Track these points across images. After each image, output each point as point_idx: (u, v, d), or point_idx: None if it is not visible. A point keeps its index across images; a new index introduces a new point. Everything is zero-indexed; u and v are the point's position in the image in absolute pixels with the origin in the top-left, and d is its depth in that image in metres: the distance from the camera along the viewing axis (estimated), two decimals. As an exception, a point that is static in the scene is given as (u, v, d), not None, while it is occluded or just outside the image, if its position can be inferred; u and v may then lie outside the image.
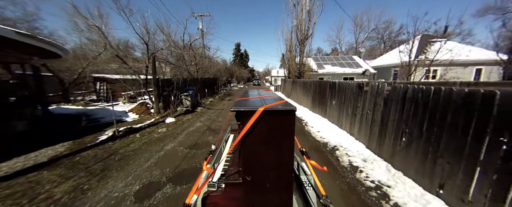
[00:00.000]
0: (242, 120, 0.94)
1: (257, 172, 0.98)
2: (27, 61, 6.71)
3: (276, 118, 0.92)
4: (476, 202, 2.16)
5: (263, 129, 0.93)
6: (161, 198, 2.81)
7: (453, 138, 2.43)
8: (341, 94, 5.97)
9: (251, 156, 0.97)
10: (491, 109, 2.02)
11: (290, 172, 0.99)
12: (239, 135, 0.93)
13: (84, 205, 2.65)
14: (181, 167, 3.78)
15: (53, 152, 4.29)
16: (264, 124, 0.92)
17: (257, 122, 0.91)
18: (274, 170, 0.98)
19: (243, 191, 1.01)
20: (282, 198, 1.02)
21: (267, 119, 0.92)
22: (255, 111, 0.91)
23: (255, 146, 0.95)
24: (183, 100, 9.81)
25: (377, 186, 3.11)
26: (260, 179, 0.99)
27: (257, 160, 0.97)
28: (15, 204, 2.63)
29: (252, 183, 0.99)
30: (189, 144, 5.03)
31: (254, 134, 0.93)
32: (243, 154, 0.97)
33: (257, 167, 0.98)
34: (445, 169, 2.53)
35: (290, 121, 0.94)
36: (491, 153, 2.04)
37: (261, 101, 1.12)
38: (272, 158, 0.97)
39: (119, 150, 4.54)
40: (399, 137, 3.40)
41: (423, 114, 2.89)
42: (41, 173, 3.42)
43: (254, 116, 0.90)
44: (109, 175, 3.46)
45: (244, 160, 0.97)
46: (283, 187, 1.00)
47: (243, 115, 0.93)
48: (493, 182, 2.00)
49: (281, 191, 1.01)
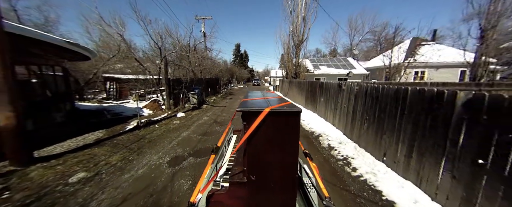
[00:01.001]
0: (248, 120, 0.95)
1: (262, 172, 0.99)
2: (59, 64, 7.82)
3: (282, 119, 0.93)
4: (400, 162, 3.29)
5: (269, 130, 0.94)
6: (187, 165, 3.93)
7: (390, 121, 3.56)
8: (326, 93, 7.11)
9: (256, 156, 0.98)
10: (406, 99, 3.16)
11: (294, 173, 1.00)
12: (245, 135, 0.94)
13: (134, 168, 3.77)
14: (198, 147, 4.90)
15: (95, 137, 5.40)
16: (270, 124, 0.93)
17: (262, 122, 0.92)
18: (278, 170, 0.99)
19: (248, 190, 1.02)
20: (286, 199, 1.02)
21: (273, 119, 0.93)
22: (261, 111, 0.92)
23: (260, 146, 0.96)
24: (190, 98, 10.93)
25: (344, 158, 4.24)
26: (264, 179, 1.00)
27: (262, 160, 0.98)
28: (86, 166, 3.74)
29: (257, 182, 1.00)
30: (200, 132, 6.15)
31: (260, 134, 0.94)
32: (248, 153, 0.98)
33: (261, 167, 0.99)
34: (386, 143, 3.66)
35: (295, 122, 0.94)
36: (406, 127, 3.17)
37: (266, 103, 1.13)
38: (276, 159, 0.97)
39: (145, 136, 5.66)
40: (362, 123, 4.53)
41: (375, 105, 4.02)
42: (93, 149, 4.54)
43: (260, 116, 0.92)
44: (144, 151, 4.58)
45: (249, 159, 0.99)
46: (287, 187, 1.01)
47: (249, 115, 0.95)
48: (407, 147, 3.13)
49: (285, 192, 1.01)
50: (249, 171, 0.98)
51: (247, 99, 1.34)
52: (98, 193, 2.94)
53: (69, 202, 2.73)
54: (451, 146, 2.39)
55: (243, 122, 0.97)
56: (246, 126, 0.96)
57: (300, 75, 15.13)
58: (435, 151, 2.60)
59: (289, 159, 0.97)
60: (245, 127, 0.96)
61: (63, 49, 5.80)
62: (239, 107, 0.99)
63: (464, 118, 2.26)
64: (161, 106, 9.97)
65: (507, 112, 1.86)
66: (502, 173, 1.88)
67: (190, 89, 11.23)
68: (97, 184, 3.19)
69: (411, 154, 3.04)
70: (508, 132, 1.84)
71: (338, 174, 3.65)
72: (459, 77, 17.83)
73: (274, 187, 1.00)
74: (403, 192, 2.89)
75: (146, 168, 3.76)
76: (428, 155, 2.72)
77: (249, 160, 0.98)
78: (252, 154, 0.96)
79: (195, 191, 1.05)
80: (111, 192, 2.99)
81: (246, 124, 0.96)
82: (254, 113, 0.93)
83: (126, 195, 2.90)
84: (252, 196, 1.02)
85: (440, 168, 2.54)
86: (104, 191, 3.01)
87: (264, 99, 1.27)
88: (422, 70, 18.06)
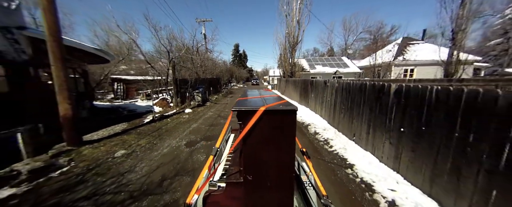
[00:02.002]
0: (243, 119, 0.95)
1: (258, 171, 0.99)
2: (80, 66, 8.85)
3: (278, 117, 0.93)
4: (363, 139, 4.36)
5: (265, 129, 0.94)
6: (200, 146, 4.99)
7: (357, 109, 4.63)
8: (316, 89, 8.17)
9: (252, 156, 0.97)
10: (366, 92, 4.23)
11: (291, 172, 0.99)
12: (240, 135, 0.94)
13: (159, 148, 4.83)
14: (207, 134, 5.97)
15: (120, 128, 6.45)
16: (266, 123, 0.93)
17: (258, 121, 0.91)
18: (275, 169, 0.98)
19: (244, 190, 1.02)
20: (283, 198, 1.02)
21: (269, 118, 0.92)
22: (256, 110, 0.92)
23: (256, 145, 0.96)
24: (195, 96, 11.98)
25: (325, 140, 5.31)
26: (261, 178, 0.99)
27: (258, 160, 0.98)
28: (122, 147, 4.79)
29: (253, 182, 1.00)
30: (208, 124, 7.21)
31: (255, 133, 0.94)
32: (245, 153, 0.97)
33: (258, 166, 0.98)
34: (355, 126, 4.73)
35: (291, 120, 0.94)
36: (365, 112, 4.23)
37: (262, 101, 1.12)
38: (273, 158, 0.97)
39: (162, 127, 6.72)
40: (340, 112, 5.60)
41: (348, 97, 5.09)
42: (123, 136, 5.59)
43: (255, 115, 0.91)
44: (164, 137, 5.64)
45: (245, 159, 0.98)
46: (284, 186, 1.01)
47: (244, 115, 0.94)
48: (366, 127, 4.20)
49: (282, 191, 1.01)
50: (246, 171, 0.99)
51: (243, 98, 1.34)
52: (138, 163, 4.00)
53: (119, 168, 3.80)
54: (388, 122, 3.46)
55: (239, 121, 0.98)
56: (241, 126, 0.96)
57: (296, 74, 16.21)
58: (381, 127, 3.67)
59: (286, 158, 0.97)
60: (241, 127, 0.97)
61: (89, 53, 6.85)
62: (234, 106, 0.99)
63: (394, 102, 3.33)
64: (169, 103, 11.02)
65: (414, 96, 2.92)
66: (414, 135, 2.94)
67: (195, 88, 12.29)
68: (135, 158, 4.25)
69: (369, 131, 4.11)
70: (414, 108, 2.90)
71: (318, 150, 4.72)
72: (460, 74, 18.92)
73: (271, 186, 1.00)
74: (363, 158, 3.96)
75: (169, 148, 4.82)
76: (378, 130, 3.79)
77: (245, 160, 0.98)
78: (248, 153, 0.97)
79: (191, 192, 1.04)
80: (147, 162, 4.05)
81: (241, 123, 0.96)
82: (249, 112, 0.93)
83: (159, 164, 3.96)
84: (249, 196, 1.02)
85: (383, 139, 3.61)
86: (142, 161, 4.07)
87: (260, 98, 1.28)
88: (412, 68, 19.13)
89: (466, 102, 2.16)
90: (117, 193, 2.98)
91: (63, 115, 4.35)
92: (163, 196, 2.91)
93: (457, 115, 2.24)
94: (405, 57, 18.96)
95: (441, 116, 2.44)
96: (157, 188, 3.12)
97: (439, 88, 2.50)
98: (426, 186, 2.68)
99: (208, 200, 1.09)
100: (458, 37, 8.80)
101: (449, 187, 2.34)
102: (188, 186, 3.16)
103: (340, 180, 3.35)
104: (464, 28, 8.67)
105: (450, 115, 2.32)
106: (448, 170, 2.34)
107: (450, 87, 2.36)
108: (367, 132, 4.17)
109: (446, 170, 2.37)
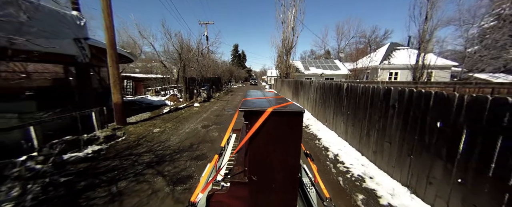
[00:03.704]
0: (250, 120, 0.95)
1: (263, 172, 0.99)
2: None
3: (284, 119, 0.94)
4: (330, 123, 6.11)
5: (271, 130, 0.94)
6: (212, 128, 6.68)
7: (328, 101, 6.37)
8: (304, 88, 9.92)
9: (258, 156, 0.98)
10: (332, 89, 5.97)
11: (295, 174, 1.00)
12: (247, 135, 0.95)
13: (183, 128, 6.52)
14: (216, 121, 7.67)
15: (146, 116, 8.12)
16: (272, 124, 0.93)
17: (265, 122, 0.92)
18: (279, 170, 0.99)
19: (249, 190, 1.03)
20: (287, 199, 1.03)
21: (275, 119, 0.93)
22: (264, 111, 0.92)
23: (262, 146, 0.96)
24: (201, 93, 13.66)
25: (306, 126, 7.05)
26: (265, 179, 1.00)
27: (264, 160, 0.98)
28: (156, 127, 6.47)
29: (258, 183, 1.00)
30: (215, 114, 8.91)
31: (262, 134, 0.94)
32: (250, 153, 0.98)
33: (263, 167, 0.99)
34: (326, 114, 6.47)
35: (297, 122, 0.95)
36: (331, 103, 5.98)
37: (268, 102, 1.13)
38: (278, 159, 0.97)
39: (179, 116, 8.41)
40: (319, 105, 7.35)
41: (323, 93, 6.84)
42: (152, 121, 7.27)
43: (262, 116, 0.92)
44: (183, 122, 7.33)
45: (250, 159, 0.99)
46: (288, 188, 1.01)
47: (251, 115, 0.95)
48: (332, 113, 5.95)
49: (286, 192, 1.02)
50: (250, 171, 0.99)
51: (248, 98, 1.35)
52: (171, 136, 5.69)
53: (159, 138, 5.48)
54: (342, 109, 5.20)
55: (245, 121, 0.99)
56: (248, 126, 0.97)
57: (291, 75, 17.98)
58: (339, 113, 5.41)
59: (291, 160, 0.97)
60: (247, 127, 0.98)
61: (121, 55, 8.48)
62: (241, 106, 1.00)
63: (345, 95, 5.07)
64: (179, 98, 12.68)
65: (353, 90, 4.65)
66: (353, 116, 4.68)
67: (201, 86, 13.97)
68: (167, 133, 5.94)
69: (333, 117, 5.85)
70: (353, 98, 4.63)
71: (300, 131, 6.47)
72: (426, 77, 20.85)
73: (275, 188, 1.00)
74: (328, 135, 5.70)
75: (189, 129, 6.52)
76: (337, 116, 5.54)
77: (251, 160, 0.98)
78: (254, 154, 0.97)
79: (196, 191, 1.05)
80: (177, 136, 5.73)
81: (248, 123, 0.97)
82: (256, 112, 0.93)
83: (185, 138, 5.65)
84: (252, 196, 1.02)
85: (340, 121, 5.35)
86: (173, 135, 5.76)
87: (265, 99, 1.29)
88: (396, 71, 21.03)
89: (372, 93, 3.89)
90: (164, 150, 4.68)
91: (115, 102, 6.02)
92: (194, 152, 4.61)
93: (368, 100, 3.98)
94: (390, 62, 20.87)
95: (362, 101, 4.19)
96: (189, 149, 4.82)
97: (361, 85, 4.25)
98: (356, 145, 4.43)
99: (212, 199, 1.10)
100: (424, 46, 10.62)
101: (364, 143, 4.09)
102: (210, 148, 4.86)
103: (310, 146, 5.10)
104: (428, 40, 10.49)
105: (366, 100, 4.06)
106: (365, 135, 4.08)
107: (366, 85, 4.11)
108: (333, 118, 5.92)
109: (364, 135, 4.11)
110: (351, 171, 3.63)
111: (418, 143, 2.72)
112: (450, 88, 10.59)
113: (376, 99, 3.71)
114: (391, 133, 3.26)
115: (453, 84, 10.97)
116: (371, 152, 3.83)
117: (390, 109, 3.31)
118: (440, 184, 2.41)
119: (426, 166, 2.59)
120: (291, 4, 15.77)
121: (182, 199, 2.84)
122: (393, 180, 3.18)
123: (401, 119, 3.03)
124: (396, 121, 3.17)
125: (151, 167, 3.81)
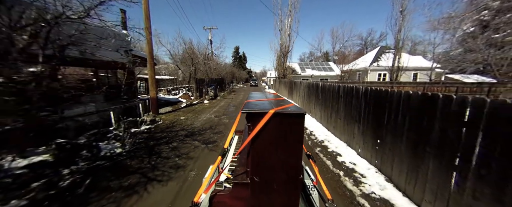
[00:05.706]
0: (252, 121, 0.96)
1: (265, 173, 1.00)
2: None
3: (286, 120, 0.94)
4: (317, 115, 8.14)
5: (273, 131, 0.95)
6: (223, 117, 8.72)
7: (312, 98, 8.40)
8: (296, 87, 11.96)
9: (260, 157, 0.99)
10: (314, 87, 8.01)
11: (297, 175, 1.01)
12: (249, 136, 0.95)
13: (201, 117, 8.56)
14: (225, 112, 9.72)
15: (169, 109, 10.17)
16: (274, 126, 0.94)
17: (267, 123, 0.93)
18: (282, 172, 0.99)
19: (251, 191, 1.03)
20: (289, 200, 1.03)
21: (277, 121, 0.94)
22: (266, 113, 0.93)
23: (264, 147, 0.97)
24: (209, 92, 15.72)
25: (295, 116, 9.09)
26: (268, 180, 1.01)
27: (266, 161, 0.99)
28: (181, 115, 8.52)
29: (260, 184, 1.01)
30: (223, 109, 10.96)
31: (264, 135, 0.95)
32: (252, 155, 0.99)
33: (265, 168, 1.00)
34: (312, 107, 8.51)
35: (299, 124, 0.96)
36: (316, 99, 8.01)
37: (270, 104, 1.14)
38: (280, 160, 0.98)
39: (195, 109, 10.46)
40: (307, 100, 9.39)
41: (309, 91, 8.88)
42: (175, 112, 9.32)
43: (264, 118, 0.92)
44: (200, 114, 9.37)
45: (253, 160, 1.00)
46: (290, 189, 1.02)
47: (253, 117, 0.95)
48: (319, 107, 7.98)
49: (288, 193, 1.02)
50: (253, 172, 1.00)
51: (250, 100, 1.36)
52: (194, 122, 7.72)
53: (186, 123, 7.51)
54: (321, 103, 7.23)
55: (248, 123, 0.99)
56: (250, 127, 0.97)
57: (288, 77, 20.03)
58: (319, 107, 7.44)
59: (293, 161, 0.97)
60: (249, 128, 0.98)
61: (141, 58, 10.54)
62: (244, 108, 1.01)
63: (320, 92, 7.09)
64: (190, 96, 14.74)
65: (328, 89, 6.66)
66: (330, 107, 6.70)
67: (209, 86, 16.04)
68: (191, 119, 7.98)
69: (317, 109, 7.88)
70: (329, 94, 6.64)
71: (290, 119, 8.52)
72: (412, 78, 22.82)
73: (278, 189, 1.00)
74: (313, 124, 7.71)
75: (206, 118, 8.55)
76: (317, 105, 7.56)
77: (253, 161, 0.99)
78: (256, 155, 0.98)
79: (199, 192, 1.06)
80: (199, 122, 7.76)
81: (250, 125, 0.97)
82: (259, 114, 0.94)
83: (205, 122, 7.67)
84: (255, 197, 1.03)
85: (318, 109, 7.37)
86: (196, 121, 7.79)
87: (267, 101, 1.30)
88: (384, 73, 23.01)
89: (332, 89, 5.90)
90: (193, 129, 6.71)
91: (152, 97, 8.08)
92: (214, 129, 6.64)
93: (331, 93, 5.99)
94: (378, 64, 22.87)
95: (329, 95, 6.21)
96: (210, 128, 6.84)
97: (327, 84, 6.28)
98: (325, 125, 6.45)
99: (215, 200, 1.11)
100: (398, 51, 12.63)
101: (329, 122, 6.10)
102: (224, 128, 6.88)
103: (295, 127, 7.14)
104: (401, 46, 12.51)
105: (330, 94, 6.08)
106: (329, 117, 6.10)
107: (332, 84, 6.13)
108: (313, 108, 7.95)
109: (328, 117, 6.13)
110: (318, 138, 5.67)
111: (350, 117, 4.75)
112: (420, 87, 12.60)
113: (334, 92, 5.74)
114: (340, 113, 5.29)
115: (423, 83, 12.98)
116: (332, 127, 5.86)
117: (340, 98, 5.34)
118: (358, 137, 4.44)
119: (351, 128, 4.62)
120: (287, 14, 17.92)
121: (213, 150, 4.87)
122: (341, 141, 5.22)
123: (345, 103, 5.07)
124: (342, 105, 5.20)
125: (188, 137, 5.85)
